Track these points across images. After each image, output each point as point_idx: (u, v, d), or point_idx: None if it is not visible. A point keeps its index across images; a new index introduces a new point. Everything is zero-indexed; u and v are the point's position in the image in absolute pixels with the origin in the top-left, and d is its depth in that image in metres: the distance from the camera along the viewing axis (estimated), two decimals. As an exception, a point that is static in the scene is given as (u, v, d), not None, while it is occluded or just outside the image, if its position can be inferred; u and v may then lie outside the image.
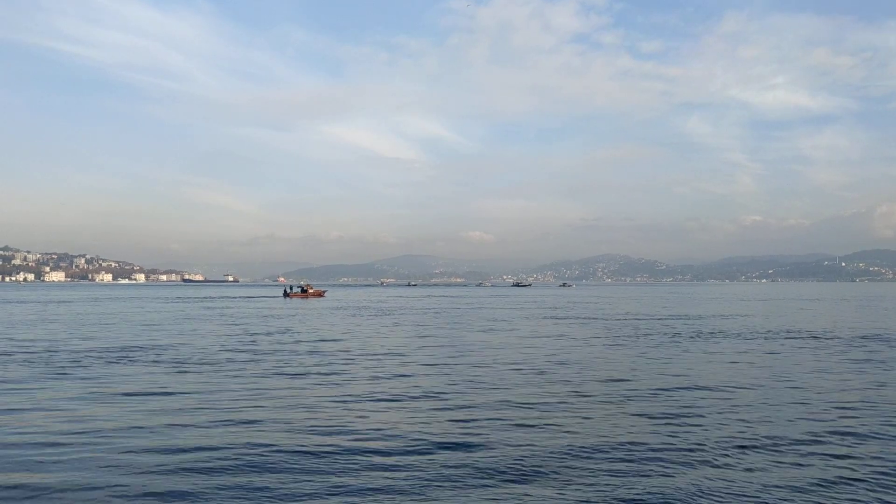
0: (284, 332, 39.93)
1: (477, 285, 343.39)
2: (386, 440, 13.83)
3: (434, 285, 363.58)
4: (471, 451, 12.95)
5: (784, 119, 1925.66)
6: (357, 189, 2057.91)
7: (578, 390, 19.55)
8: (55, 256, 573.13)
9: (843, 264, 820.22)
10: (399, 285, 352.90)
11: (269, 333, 39.37)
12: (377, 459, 12.40)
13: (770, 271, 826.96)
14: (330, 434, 14.28)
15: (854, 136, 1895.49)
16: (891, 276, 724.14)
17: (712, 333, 39.11)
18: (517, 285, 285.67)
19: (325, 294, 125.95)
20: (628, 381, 21.40)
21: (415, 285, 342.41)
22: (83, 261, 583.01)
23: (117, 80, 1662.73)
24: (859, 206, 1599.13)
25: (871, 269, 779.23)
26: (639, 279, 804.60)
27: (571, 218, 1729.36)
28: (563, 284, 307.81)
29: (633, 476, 11.34)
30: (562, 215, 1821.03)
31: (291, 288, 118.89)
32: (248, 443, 13.45)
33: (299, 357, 27.66)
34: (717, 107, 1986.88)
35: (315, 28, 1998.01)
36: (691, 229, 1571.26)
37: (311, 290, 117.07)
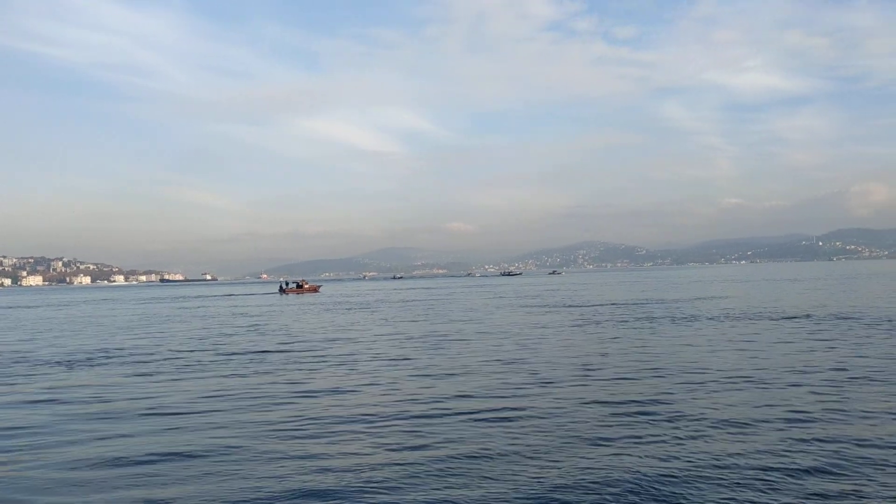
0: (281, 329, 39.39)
1: (465, 276, 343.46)
2: (338, 440, 13.27)
3: (420, 277, 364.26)
4: (425, 450, 12.36)
5: (759, 101, 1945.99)
6: (337, 183, 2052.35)
7: (546, 378, 19.12)
8: (32, 260, 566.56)
9: (821, 244, 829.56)
10: (384, 279, 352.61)
11: (266, 329, 38.75)
12: (322, 462, 11.84)
13: (749, 253, 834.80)
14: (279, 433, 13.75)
15: (828, 117, 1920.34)
16: (867, 255, 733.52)
17: (692, 317, 38.91)
18: (507, 274, 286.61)
19: (320, 289, 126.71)
20: (600, 368, 21.00)
21: (400, 278, 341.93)
22: (60, 264, 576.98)
23: (90, 79, 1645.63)
24: (835, 186, 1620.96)
25: (847, 247, 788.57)
26: (619, 265, 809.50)
27: (552, 206, 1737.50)
28: (553, 272, 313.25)
29: (594, 464, 10.91)
30: (542, 204, 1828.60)
31: (287, 284, 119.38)
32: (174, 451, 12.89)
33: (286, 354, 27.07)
34: (693, 91, 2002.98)
35: (289, 22, 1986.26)
36: (670, 214, 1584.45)
37: (306, 286, 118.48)
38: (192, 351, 29.05)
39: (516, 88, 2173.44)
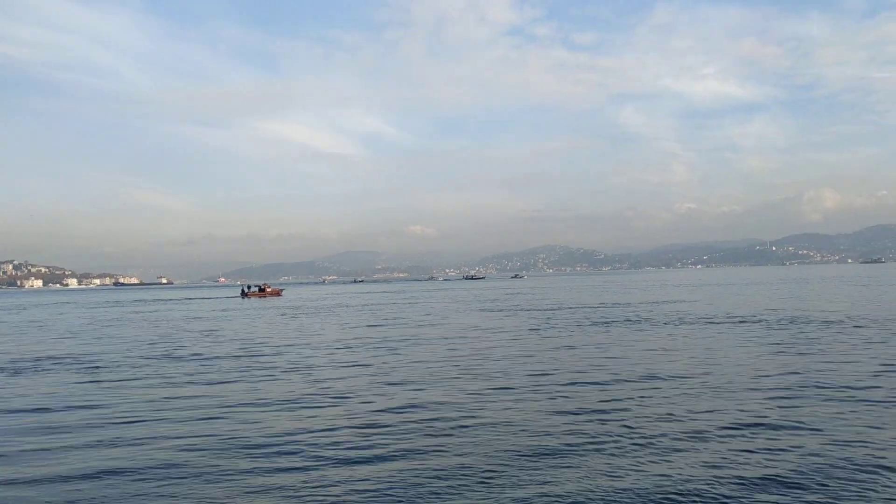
0: (210, 333, 38.51)
1: (427, 279, 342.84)
2: (279, 451, 12.79)
3: (383, 281, 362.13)
4: (374, 464, 11.94)
5: (715, 108, 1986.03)
6: (296, 186, 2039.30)
7: (499, 385, 18.91)
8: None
9: (774, 248, 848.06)
10: (344, 282, 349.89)
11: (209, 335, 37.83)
12: (266, 480, 11.43)
13: (704, 257, 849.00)
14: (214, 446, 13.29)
15: (781, 124, 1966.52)
16: (818, 259, 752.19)
17: (647, 321, 39.16)
18: (470, 278, 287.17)
19: (283, 293, 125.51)
20: (551, 373, 20.87)
21: (361, 281, 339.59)
22: (11, 267, 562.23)
23: (41, 78, 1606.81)
24: (788, 192, 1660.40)
25: (800, 252, 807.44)
26: (578, 269, 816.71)
27: (512, 210, 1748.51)
28: (515, 276, 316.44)
29: (545, 474, 10.70)
30: (502, 208, 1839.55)
31: (249, 288, 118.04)
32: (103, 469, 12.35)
33: (232, 361, 26.39)
34: (651, 97, 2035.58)
35: (247, 23, 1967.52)
36: (628, 218, 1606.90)
37: (268, 290, 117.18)
38: (142, 357, 28.21)
39: (477, 93, 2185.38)
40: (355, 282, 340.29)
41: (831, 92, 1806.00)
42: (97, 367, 25.38)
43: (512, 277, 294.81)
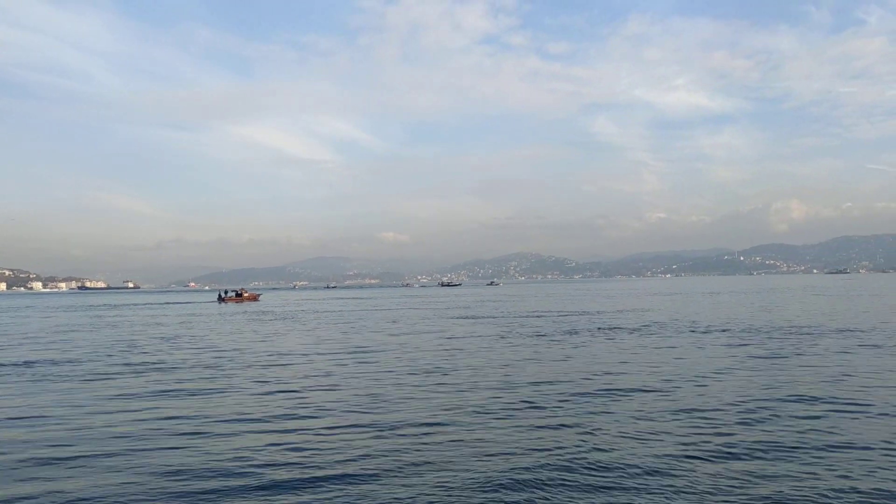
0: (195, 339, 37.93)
1: (403, 286, 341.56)
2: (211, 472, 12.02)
3: (357, 287, 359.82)
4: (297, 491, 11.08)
5: (685, 119, 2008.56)
6: (268, 190, 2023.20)
7: (461, 393, 18.87)
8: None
9: (742, 258, 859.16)
10: (316, 288, 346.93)
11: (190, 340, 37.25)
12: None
13: (674, 266, 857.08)
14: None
15: (750, 136, 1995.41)
16: (785, 269, 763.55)
17: (617, 328, 39.38)
18: (448, 285, 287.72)
19: (260, 298, 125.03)
20: (513, 381, 20.87)
21: (334, 287, 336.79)
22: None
23: (8, 78, 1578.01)
24: (756, 203, 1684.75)
25: (767, 262, 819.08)
26: (550, 276, 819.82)
27: (484, 217, 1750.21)
28: (491, 283, 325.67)
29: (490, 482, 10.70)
30: (475, 215, 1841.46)
31: (226, 292, 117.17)
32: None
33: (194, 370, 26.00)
34: (623, 107, 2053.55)
35: (221, 26, 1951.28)
36: (600, 227, 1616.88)
37: (246, 295, 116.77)
38: (94, 362, 27.71)
39: (450, 100, 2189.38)
40: (328, 287, 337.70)
41: (799, 105, 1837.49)
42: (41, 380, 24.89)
43: (488, 284, 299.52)
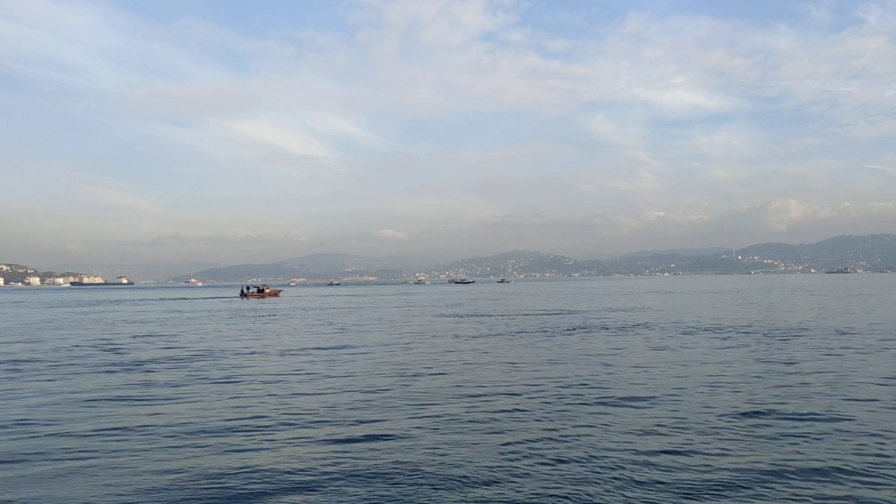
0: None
1: (416, 283, 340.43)
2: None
3: (362, 284, 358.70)
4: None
5: (683, 118, 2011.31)
6: (266, 187, 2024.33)
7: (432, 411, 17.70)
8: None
9: (740, 257, 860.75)
10: (318, 285, 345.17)
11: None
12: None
13: (672, 265, 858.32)
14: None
15: (748, 135, 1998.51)
16: (783, 269, 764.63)
17: (622, 328, 38.26)
18: (461, 282, 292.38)
19: (281, 294, 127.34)
20: (482, 395, 19.70)
21: (337, 284, 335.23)
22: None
23: (4, 72, 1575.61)
24: (754, 202, 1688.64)
25: (765, 261, 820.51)
26: (548, 274, 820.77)
27: (482, 215, 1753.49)
28: (502, 280, 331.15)
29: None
30: (473, 212, 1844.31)
31: (248, 288, 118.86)
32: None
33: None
34: (621, 105, 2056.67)
35: (218, 21, 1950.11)
36: (597, 225, 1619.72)
37: (267, 291, 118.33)
38: (70, 363, 26.52)
39: (449, 97, 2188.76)
40: (331, 284, 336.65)
41: (797, 104, 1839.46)
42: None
43: (498, 282, 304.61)
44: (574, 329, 38.70)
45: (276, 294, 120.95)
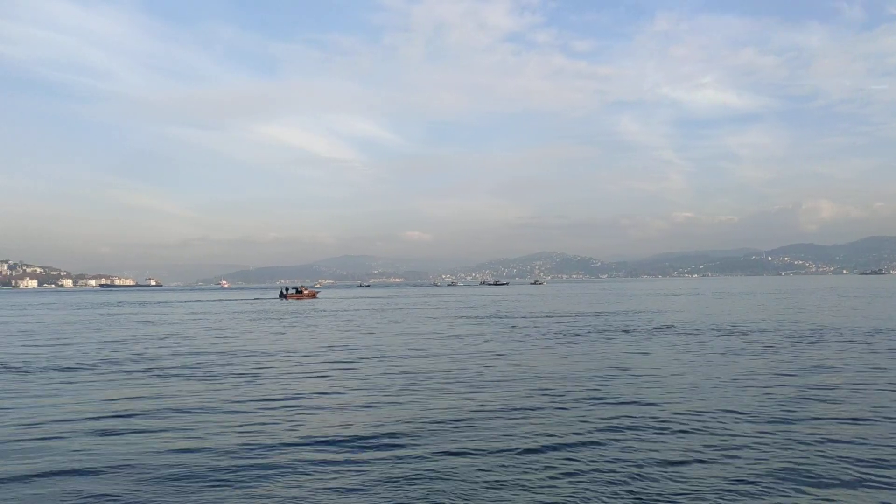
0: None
1: (448, 284, 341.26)
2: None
3: (385, 286, 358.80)
4: None
5: (711, 117, 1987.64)
6: (293, 189, 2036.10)
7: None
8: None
9: (770, 258, 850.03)
10: (349, 286, 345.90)
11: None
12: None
13: (700, 266, 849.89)
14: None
15: (778, 135, 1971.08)
16: (814, 270, 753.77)
17: (655, 331, 38.47)
18: (496, 284, 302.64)
19: (318, 295, 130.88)
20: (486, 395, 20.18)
21: (367, 286, 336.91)
22: (6, 267, 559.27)
23: (36, 77, 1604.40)
24: (784, 203, 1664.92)
25: (795, 262, 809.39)
26: (574, 276, 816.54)
27: (508, 217, 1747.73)
28: (535, 282, 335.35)
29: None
30: (498, 214, 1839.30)
31: (287, 289, 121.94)
32: None
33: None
34: (648, 105, 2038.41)
35: (244, 25, 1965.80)
36: (625, 226, 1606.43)
37: (305, 292, 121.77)
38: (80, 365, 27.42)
39: (474, 98, 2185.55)
40: (361, 286, 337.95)
41: (828, 103, 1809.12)
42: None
43: (531, 283, 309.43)
44: (653, 329, 39.04)
45: (313, 295, 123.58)
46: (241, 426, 15.26)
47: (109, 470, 11.94)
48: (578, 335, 37.22)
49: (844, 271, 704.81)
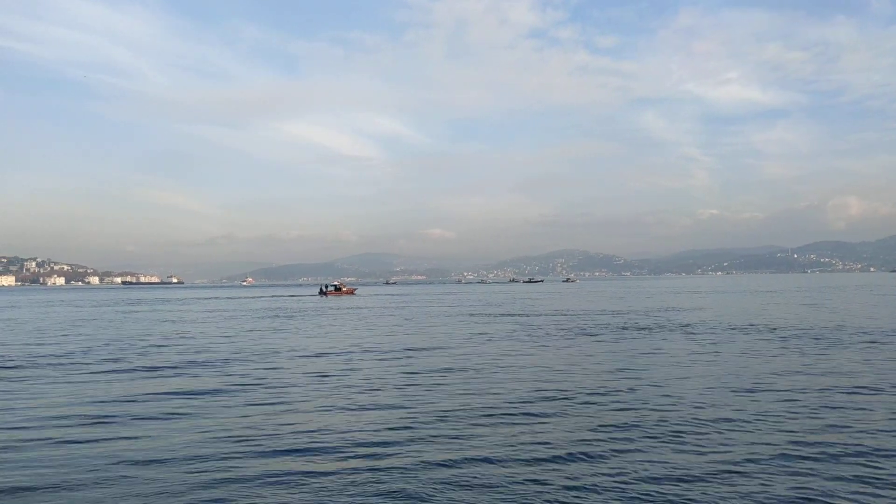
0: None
1: (479, 282, 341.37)
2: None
3: (408, 283, 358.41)
4: None
5: (736, 113, 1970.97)
6: (315, 187, 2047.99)
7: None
8: (5, 260, 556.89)
9: (796, 256, 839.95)
10: (376, 283, 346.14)
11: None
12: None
13: (725, 264, 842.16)
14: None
15: (804, 131, 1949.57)
16: (841, 267, 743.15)
17: (683, 327, 37.96)
18: (530, 281, 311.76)
19: (356, 292, 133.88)
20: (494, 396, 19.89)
21: (393, 283, 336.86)
22: (34, 264, 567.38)
23: (64, 77, 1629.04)
24: (811, 200, 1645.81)
25: (822, 260, 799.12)
26: (598, 274, 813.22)
27: (530, 214, 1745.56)
28: (567, 280, 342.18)
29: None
30: (521, 212, 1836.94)
31: (327, 286, 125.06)
32: None
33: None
34: (672, 102, 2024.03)
35: (267, 23, 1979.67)
36: (648, 224, 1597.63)
37: (344, 289, 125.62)
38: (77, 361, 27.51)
39: (496, 95, 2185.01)
40: (387, 283, 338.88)
41: (856, 98, 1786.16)
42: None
43: (563, 281, 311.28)
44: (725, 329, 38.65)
45: (351, 292, 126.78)
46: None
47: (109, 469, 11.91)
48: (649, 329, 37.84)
49: (872, 269, 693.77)
